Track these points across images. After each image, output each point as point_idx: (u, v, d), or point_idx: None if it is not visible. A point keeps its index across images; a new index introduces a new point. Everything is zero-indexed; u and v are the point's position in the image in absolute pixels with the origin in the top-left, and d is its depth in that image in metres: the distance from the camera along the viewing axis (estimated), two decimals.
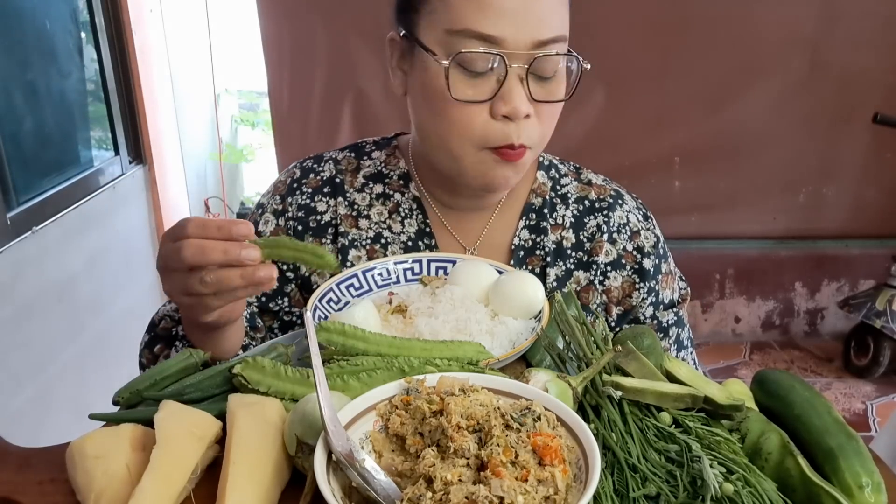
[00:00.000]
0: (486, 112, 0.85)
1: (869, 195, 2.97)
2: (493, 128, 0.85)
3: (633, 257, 1.01)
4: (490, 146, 0.86)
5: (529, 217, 1.02)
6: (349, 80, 2.77)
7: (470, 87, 0.84)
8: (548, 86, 0.86)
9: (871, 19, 2.68)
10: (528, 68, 0.83)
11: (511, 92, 0.83)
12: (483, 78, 0.84)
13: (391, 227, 1.00)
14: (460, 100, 0.84)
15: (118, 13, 2.64)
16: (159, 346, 0.90)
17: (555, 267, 1.00)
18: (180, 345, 0.87)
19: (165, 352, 0.89)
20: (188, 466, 0.60)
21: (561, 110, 0.91)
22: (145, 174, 2.88)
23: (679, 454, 0.62)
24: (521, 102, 0.83)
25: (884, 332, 2.76)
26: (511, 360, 0.79)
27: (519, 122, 0.85)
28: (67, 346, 2.26)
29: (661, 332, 1.03)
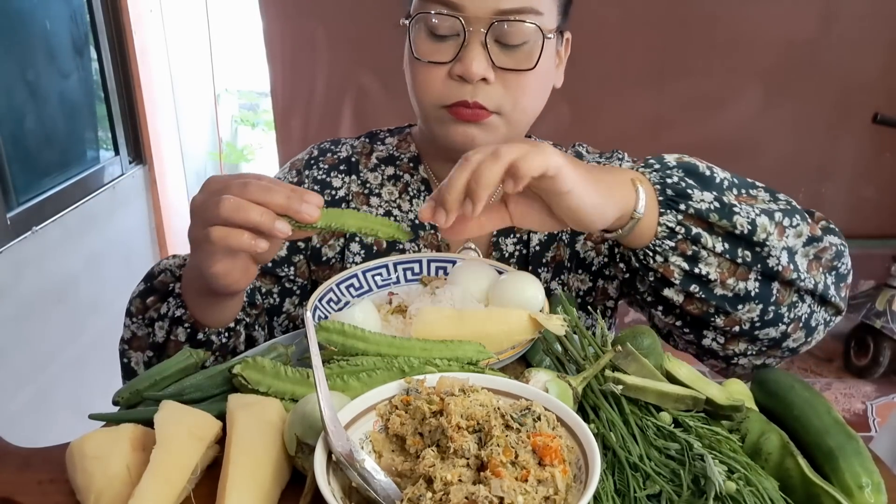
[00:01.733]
0: (445, 72, 0.90)
1: (869, 195, 2.96)
2: (448, 86, 0.90)
3: None
4: (445, 104, 0.91)
5: None
6: (351, 79, 2.77)
7: (434, 50, 0.89)
8: (514, 55, 0.89)
9: (870, 20, 2.68)
10: (487, 33, 0.87)
11: (467, 54, 0.88)
12: (446, 42, 0.89)
13: (401, 206, 1.04)
14: (422, 60, 0.90)
15: (118, 13, 2.65)
16: (153, 297, 0.89)
17: (537, 233, 1.03)
18: (173, 302, 0.85)
19: (157, 305, 0.87)
20: (188, 466, 0.60)
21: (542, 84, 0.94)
22: (145, 174, 2.88)
23: (680, 453, 0.62)
24: (476, 65, 0.87)
25: (884, 333, 2.76)
26: (511, 360, 0.79)
27: (477, 85, 0.89)
28: (67, 346, 2.26)
29: None
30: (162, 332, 0.86)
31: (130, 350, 0.90)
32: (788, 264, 0.80)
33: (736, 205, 0.78)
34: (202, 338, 0.85)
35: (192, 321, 0.84)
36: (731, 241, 0.78)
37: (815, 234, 0.83)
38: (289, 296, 1.04)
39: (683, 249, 0.78)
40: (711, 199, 0.77)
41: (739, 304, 0.80)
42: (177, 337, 0.85)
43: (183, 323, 0.85)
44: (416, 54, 0.90)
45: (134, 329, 0.89)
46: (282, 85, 2.83)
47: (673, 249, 0.77)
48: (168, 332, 0.85)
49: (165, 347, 0.86)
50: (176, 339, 0.85)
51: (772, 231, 0.78)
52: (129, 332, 0.90)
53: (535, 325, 0.77)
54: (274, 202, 0.67)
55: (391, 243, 1.02)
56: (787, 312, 0.82)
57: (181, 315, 0.85)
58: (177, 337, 0.85)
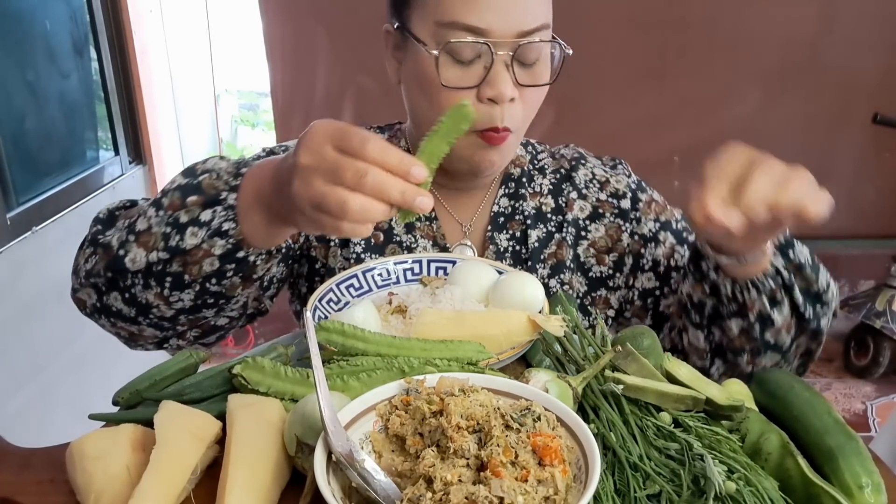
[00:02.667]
0: (472, 96, 0.90)
1: (869, 195, 2.96)
2: (479, 111, 0.89)
3: (611, 204, 1.05)
4: (476, 129, 0.91)
5: (508, 186, 1.06)
6: (351, 78, 2.77)
7: (459, 75, 0.89)
8: (531, 71, 0.91)
9: (870, 20, 2.68)
10: (514, 55, 0.88)
11: (497, 77, 0.88)
12: (471, 65, 0.89)
13: None
14: (449, 86, 0.89)
15: (118, 14, 2.64)
16: (196, 198, 0.79)
17: (535, 229, 1.04)
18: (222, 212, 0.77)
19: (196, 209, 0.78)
20: (188, 466, 0.60)
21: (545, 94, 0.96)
22: (145, 174, 2.88)
23: (680, 453, 0.62)
24: (506, 87, 0.88)
25: (884, 333, 2.76)
26: (511, 360, 0.79)
27: (503, 105, 0.90)
28: (67, 346, 2.26)
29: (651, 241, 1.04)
30: (194, 240, 0.77)
31: (134, 244, 0.80)
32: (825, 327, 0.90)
33: (820, 264, 0.86)
34: (241, 255, 0.78)
35: (239, 238, 0.77)
36: (807, 296, 0.86)
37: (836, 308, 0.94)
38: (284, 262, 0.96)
39: (774, 293, 0.85)
40: (808, 254, 0.86)
41: (772, 351, 0.89)
42: (210, 248, 0.77)
43: (227, 237, 0.77)
44: (444, 82, 0.89)
45: (154, 223, 0.80)
46: (282, 85, 2.83)
47: (770, 289, 0.84)
48: (202, 240, 0.77)
49: (188, 254, 0.78)
50: (209, 249, 0.78)
51: (835, 295, 0.88)
52: (145, 223, 0.81)
53: (534, 327, 0.77)
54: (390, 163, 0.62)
55: (388, 235, 1.02)
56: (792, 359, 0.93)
57: (229, 229, 0.77)
58: (210, 248, 0.77)
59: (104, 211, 0.92)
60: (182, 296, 0.82)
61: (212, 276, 0.80)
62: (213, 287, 0.82)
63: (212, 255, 0.78)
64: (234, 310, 0.92)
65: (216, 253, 0.78)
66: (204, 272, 0.79)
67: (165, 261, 0.80)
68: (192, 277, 0.80)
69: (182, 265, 0.79)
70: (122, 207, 0.93)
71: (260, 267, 0.83)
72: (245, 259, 0.80)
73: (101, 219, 0.91)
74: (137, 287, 0.83)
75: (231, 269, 0.80)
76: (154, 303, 0.83)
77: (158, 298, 0.83)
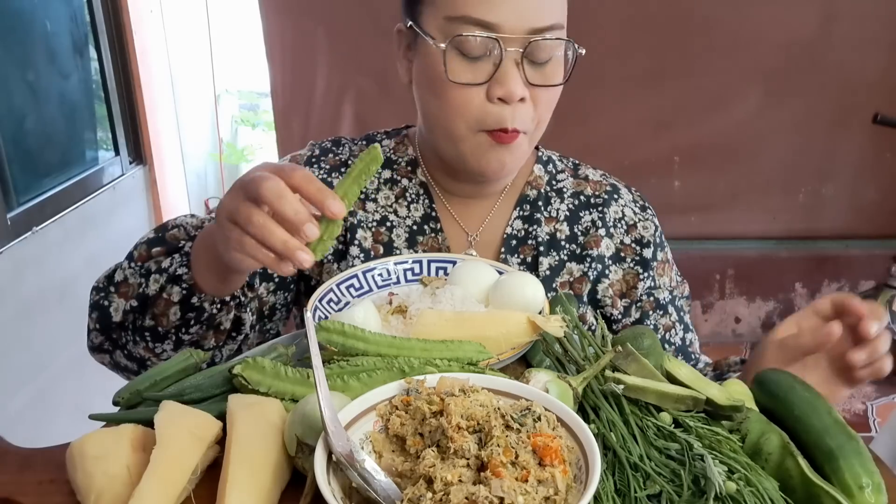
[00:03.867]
0: (482, 94, 0.88)
1: (869, 195, 2.96)
2: (488, 110, 0.89)
3: (633, 250, 1.04)
4: (485, 129, 0.90)
5: (523, 208, 1.05)
6: (352, 79, 2.77)
7: (467, 71, 0.88)
8: (543, 70, 0.89)
9: (870, 20, 2.68)
10: (524, 53, 0.86)
11: (506, 75, 0.87)
12: (480, 62, 0.87)
13: (397, 210, 1.03)
14: (457, 82, 0.88)
15: (118, 14, 2.64)
16: (159, 248, 0.87)
17: (548, 256, 1.02)
18: (178, 259, 0.84)
19: (161, 259, 0.86)
20: (188, 467, 0.60)
21: (558, 97, 0.94)
22: (145, 174, 2.88)
23: (680, 453, 0.62)
24: (515, 85, 0.87)
25: None
26: (511, 360, 0.79)
27: (514, 105, 0.88)
28: (67, 346, 2.26)
29: (660, 309, 1.05)
30: (155, 286, 0.84)
31: (115, 294, 0.87)
32: None
33: None
34: (195, 302, 0.84)
35: (191, 283, 0.83)
36: None
37: None
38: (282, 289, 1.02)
39: None
40: None
41: None
42: (170, 295, 0.84)
43: (181, 283, 0.83)
44: (451, 77, 0.87)
45: (128, 274, 0.87)
46: (282, 85, 2.82)
47: None
48: (162, 287, 0.84)
49: (154, 302, 0.84)
50: (168, 297, 0.84)
51: None
52: (122, 274, 0.87)
53: (534, 328, 0.77)
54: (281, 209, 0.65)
55: (388, 249, 1.02)
56: None
57: (182, 274, 0.83)
58: (170, 295, 0.84)
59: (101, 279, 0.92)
60: (164, 346, 0.88)
61: (180, 326, 0.85)
62: (185, 337, 0.87)
63: (172, 302, 0.84)
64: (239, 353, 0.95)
65: (174, 300, 0.84)
66: (171, 322, 0.85)
67: (137, 310, 0.86)
68: (164, 328, 0.85)
69: (152, 317, 0.85)
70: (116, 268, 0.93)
71: (223, 316, 0.87)
72: (202, 307, 0.85)
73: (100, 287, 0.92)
74: (129, 342, 0.88)
75: (192, 317, 0.85)
76: (146, 356, 0.89)
77: (147, 351, 0.88)
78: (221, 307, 0.86)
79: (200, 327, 0.86)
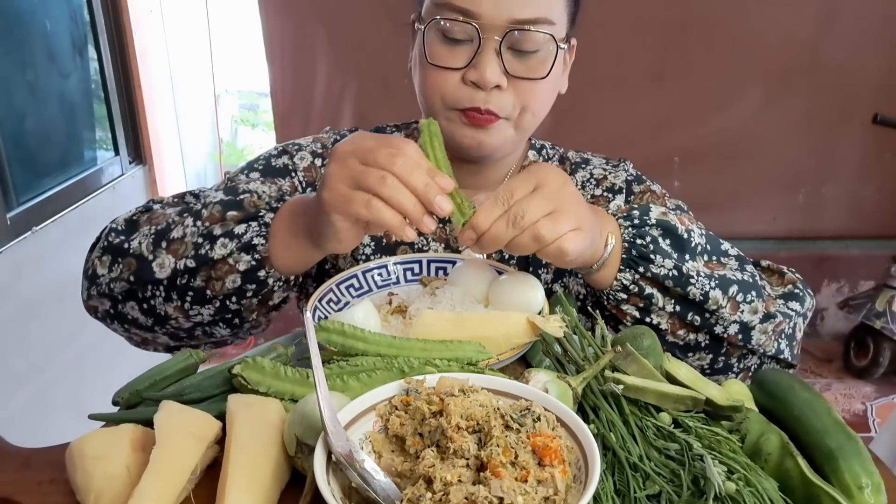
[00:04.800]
0: (458, 77, 0.90)
1: (869, 195, 2.97)
2: (462, 91, 0.90)
3: (605, 198, 1.05)
4: (457, 108, 0.91)
5: None
6: (351, 79, 2.77)
7: (447, 54, 0.89)
8: (527, 62, 0.89)
9: (870, 20, 2.68)
10: (502, 41, 0.87)
11: (482, 61, 0.88)
12: (461, 47, 0.89)
13: None
14: (435, 64, 0.90)
15: (118, 13, 2.64)
16: (236, 213, 0.84)
17: None
18: (256, 228, 0.82)
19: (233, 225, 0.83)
20: (188, 467, 0.60)
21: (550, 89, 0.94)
22: (145, 174, 2.88)
23: (679, 453, 0.62)
24: (491, 73, 0.87)
25: (883, 333, 2.76)
26: (511, 360, 0.79)
27: (490, 91, 0.89)
28: (67, 346, 2.26)
29: None
30: (222, 251, 0.82)
31: (165, 251, 0.84)
32: (737, 335, 0.88)
33: (693, 276, 0.85)
34: (262, 275, 0.82)
35: (265, 256, 0.81)
36: (683, 304, 0.87)
37: (769, 310, 0.89)
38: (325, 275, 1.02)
39: (635, 302, 0.88)
40: (671, 267, 0.86)
41: (689, 352, 0.90)
42: (237, 262, 0.82)
43: (254, 253, 0.81)
44: (430, 58, 0.90)
45: (188, 232, 0.84)
46: (282, 85, 2.83)
47: (625, 301, 0.87)
48: (230, 252, 0.82)
49: (214, 266, 0.82)
50: (234, 264, 0.82)
51: (724, 304, 0.87)
52: (180, 230, 0.84)
53: (533, 329, 0.77)
54: (413, 184, 0.68)
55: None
56: (736, 363, 0.92)
57: (257, 245, 0.81)
58: (237, 262, 0.82)
59: (120, 221, 0.92)
60: (202, 310, 0.86)
61: (232, 294, 0.84)
62: (233, 305, 0.86)
63: (236, 270, 0.82)
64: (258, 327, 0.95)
65: (240, 269, 0.82)
66: (226, 289, 0.83)
67: (192, 270, 0.83)
68: (214, 293, 0.84)
69: (206, 279, 0.83)
70: (140, 213, 0.93)
71: (277, 294, 0.87)
72: (265, 281, 0.84)
73: (119, 229, 0.91)
74: (158, 298, 0.86)
75: (251, 289, 0.84)
76: (173, 315, 0.87)
77: (178, 311, 0.86)
78: (283, 286, 0.85)
79: (254, 299, 0.85)
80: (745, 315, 0.88)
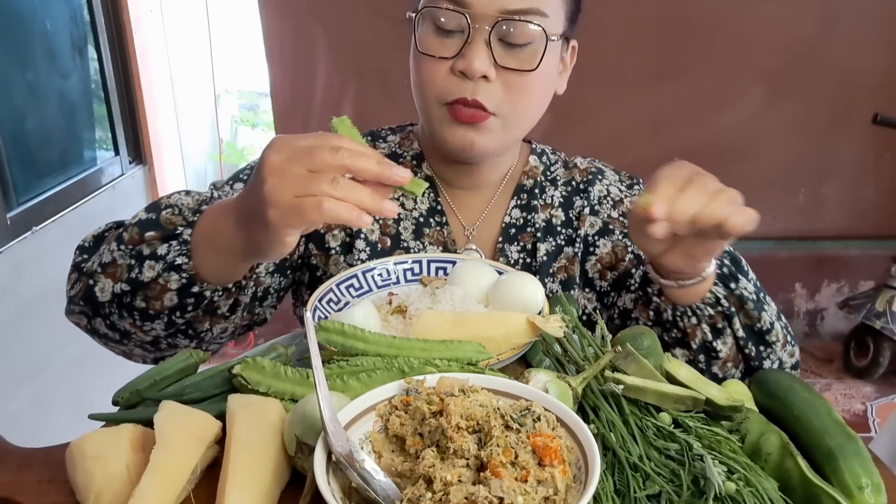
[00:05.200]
0: (448, 67, 0.90)
1: (868, 196, 2.96)
2: (450, 81, 0.90)
3: (622, 223, 1.04)
4: (446, 101, 0.91)
5: (521, 197, 1.05)
6: (351, 79, 2.77)
7: (438, 44, 0.89)
8: (518, 55, 0.89)
9: (869, 20, 2.68)
10: (491, 31, 0.87)
11: (470, 50, 0.87)
12: (452, 37, 0.89)
13: (404, 203, 1.04)
14: (426, 53, 0.90)
15: (118, 13, 2.64)
16: (154, 233, 0.82)
17: (545, 242, 1.03)
18: (176, 247, 0.80)
19: (155, 244, 0.81)
20: (188, 466, 0.60)
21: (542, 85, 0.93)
22: (145, 174, 2.88)
23: (679, 453, 0.62)
24: (478, 61, 0.87)
25: (884, 333, 2.76)
26: (511, 360, 0.79)
27: (477, 82, 0.88)
28: (67, 346, 2.26)
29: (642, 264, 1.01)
30: (151, 273, 0.81)
31: (102, 275, 0.84)
32: None
33: (767, 303, 0.88)
34: (196, 290, 0.81)
35: (192, 273, 0.80)
36: (750, 332, 0.89)
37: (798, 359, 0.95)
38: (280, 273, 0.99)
39: (715, 321, 0.87)
40: (753, 290, 0.88)
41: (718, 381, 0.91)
42: (167, 282, 0.81)
43: (181, 272, 0.80)
44: (420, 48, 0.90)
45: (117, 256, 0.83)
46: (282, 85, 2.83)
47: (709, 317, 0.87)
48: (158, 274, 0.81)
49: (148, 287, 0.81)
50: (165, 284, 0.81)
51: (779, 338, 0.90)
52: (109, 256, 0.84)
53: (533, 329, 0.77)
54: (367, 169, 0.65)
55: (395, 241, 1.02)
56: None
57: (181, 264, 0.80)
58: (167, 282, 0.81)
59: (89, 238, 0.92)
60: (154, 325, 0.86)
61: (175, 309, 0.83)
62: (179, 320, 0.85)
63: (169, 289, 0.82)
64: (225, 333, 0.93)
65: (172, 287, 0.82)
66: (166, 306, 0.83)
67: (128, 292, 0.83)
68: (156, 311, 0.83)
69: (144, 299, 0.83)
70: (107, 230, 0.93)
71: (221, 303, 0.86)
72: (202, 294, 0.83)
73: (86, 247, 0.91)
74: (114, 315, 0.86)
75: (190, 303, 0.83)
76: (131, 330, 0.87)
77: (133, 327, 0.86)
78: (223, 293, 0.84)
79: (197, 312, 0.84)
80: (786, 356, 0.90)
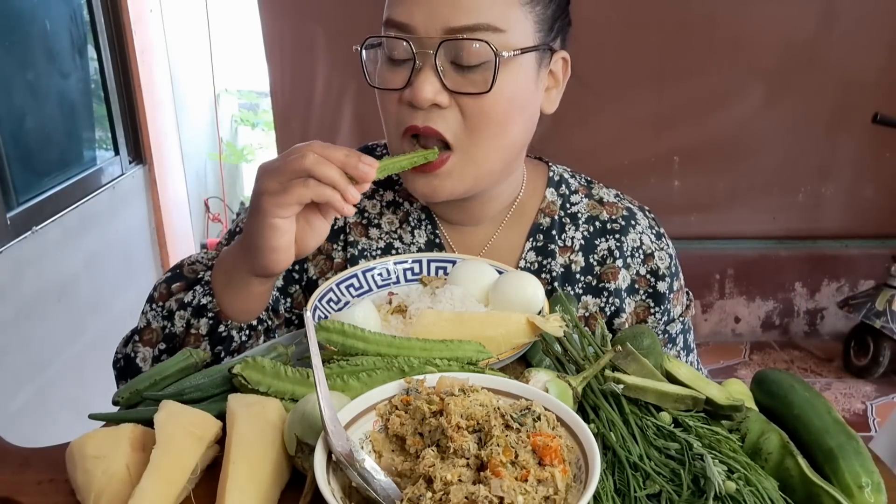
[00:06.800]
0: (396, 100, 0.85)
1: (868, 195, 2.97)
2: (402, 112, 0.84)
3: (647, 281, 0.99)
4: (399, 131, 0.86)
5: (537, 238, 0.99)
6: (351, 78, 2.78)
7: (390, 75, 0.84)
8: (471, 77, 0.81)
9: (870, 20, 2.68)
10: (435, 54, 0.80)
11: (417, 79, 0.81)
12: (402, 66, 0.83)
13: (402, 237, 0.99)
14: (375, 86, 0.87)
15: (118, 13, 2.65)
16: (179, 284, 0.87)
17: (562, 290, 0.97)
18: (200, 290, 0.84)
19: (182, 293, 0.86)
20: (188, 466, 0.60)
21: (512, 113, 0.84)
22: (145, 174, 2.88)
23: (679, 452, 0.62)
24: (424, 90, 0.80)
25: (883, 333, 2.76)
26: (511, 360, 0.79)
27: (430, 110, 0.82)
28: (67, 346, 2.26)
29: (671, 342, 1.01)
30: (182, 322, 0.84)
31: (140, 343, 0.86)
32: None
33: None
34: (223, 331, 0.83)
35: (216, 311, 0.82)
36: None
37: None
38: (287, 326, 1.00)
39: None
40: None
41: None
42: (198, 329, 0.83)
43: (207, 312, 0.82)
44: (373, 81, 0.86)
45: (150, 317, 0.86)
46: (282, 85, 2.83)
47: None
48: (188, 322, 0.83)
49: (183, 340, 0.84)
50: (196, 331, 0.83)
51: None
52: (144, 320, 0.87)
53: (533, 329, 0.76)
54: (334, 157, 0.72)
55: None
56: None
57: (207, 303, 0.83)
58: (198, 329, 0.83)
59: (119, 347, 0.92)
60: None
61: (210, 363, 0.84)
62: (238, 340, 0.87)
63: (201, 336, 0.83)
64: None
65: (203, 332, 0.83)
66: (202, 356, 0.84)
67: (164, 350, 0.85)
68: None
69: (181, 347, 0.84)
70: None
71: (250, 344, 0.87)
72: (230, 336, 0.84)
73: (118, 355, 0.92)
74: None
75: (222, 348, 0.85)
76: None
77: None
78: (250, 334, 0.86)
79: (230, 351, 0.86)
80: None
